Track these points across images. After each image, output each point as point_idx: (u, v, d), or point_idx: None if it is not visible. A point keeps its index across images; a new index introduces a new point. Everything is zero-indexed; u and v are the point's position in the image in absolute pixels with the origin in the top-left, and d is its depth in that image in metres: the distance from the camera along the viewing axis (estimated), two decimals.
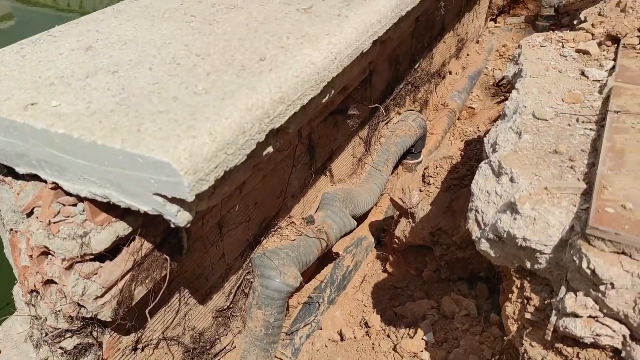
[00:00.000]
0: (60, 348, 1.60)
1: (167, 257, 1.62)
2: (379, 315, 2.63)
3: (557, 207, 1.43)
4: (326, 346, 2.58)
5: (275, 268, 2.20)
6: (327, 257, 2.93)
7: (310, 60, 1.61)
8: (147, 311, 1.58)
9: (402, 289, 2.82)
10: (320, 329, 2.68)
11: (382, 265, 3.07)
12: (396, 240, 2.87)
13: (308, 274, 2.93)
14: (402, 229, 2.79)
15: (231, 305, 2.22)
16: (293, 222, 2.47)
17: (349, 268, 3.01)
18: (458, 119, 4.48)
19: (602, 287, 1.29)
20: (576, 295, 1.36)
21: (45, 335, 1.60)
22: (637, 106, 1.73)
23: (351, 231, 2.71)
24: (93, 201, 1.40)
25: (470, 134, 4.24)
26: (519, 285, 1.58)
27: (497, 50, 5.35)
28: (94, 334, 1.61)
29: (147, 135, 1.25)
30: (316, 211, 2.64)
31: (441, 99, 4.41)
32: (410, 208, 2.70)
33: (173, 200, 1.26)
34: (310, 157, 2.55)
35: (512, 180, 1.57)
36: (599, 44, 2.23)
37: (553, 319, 1.40)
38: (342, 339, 2.60)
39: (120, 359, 1.70)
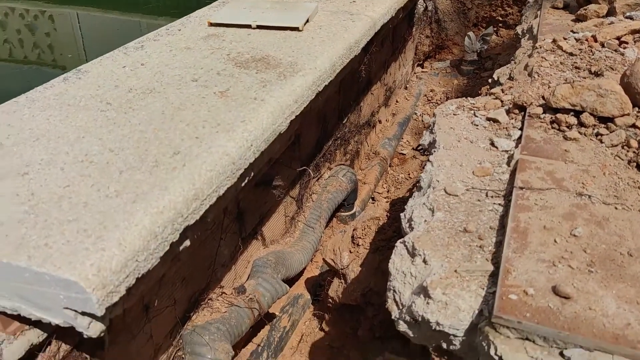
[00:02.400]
0: None
1: (88, 356, 1.58)
2: None
3: (467, 290, 1.51)
4: None
5: (205, 344, 2.17)
6: (263, 318, 2.92)
7: (225, 151, 1.65)
8: None
9: (339, 349, 2.84)
10: None
11: (318, 323, 3.09)
12: (330, 300, 2.91)
13: (244, 339, 2.90)
14: (335, 289, 2.83)
15: None
16: (224, 292, 2.46)
17: (285, 328, 3.00)
18: (390, 166, 4.62)
19: None
20: None
21: None
22: (540, 181, 1.86)
23: (284, 295, 2.72)
24: (3, 313, 1.35)
25: (402, 181, 4.38)
26: None
27: (425, 95, 5.59)
28: None
29: (55, 250, 1.24)
30: (247, 279, 2.64)
31: (372, 148, 4.54)
32: (342, 269, 2.75)
33: (84, 313, 1.24)
34: (239, 225, 2.56)
35: (425, 261, 1.64)
36: (508, 112, 2.37)
37: None
38: None
39: None
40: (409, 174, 4.44)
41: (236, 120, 1.80)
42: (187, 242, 1.56)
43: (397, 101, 5.29)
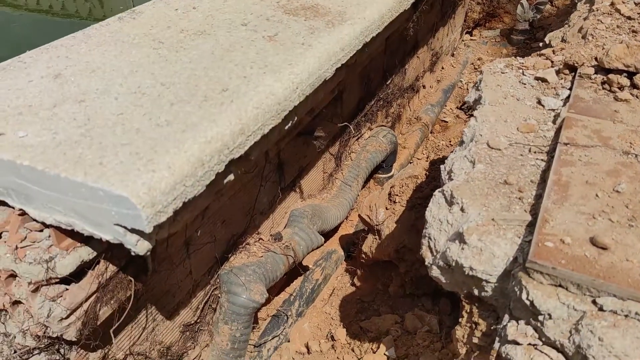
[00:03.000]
0: None
1: (132, 279, 1.67)
2: (345, 329, 2.70)
3: (503, 238, 1.52)
4: (293, 358, 2.65)
5: (241, 285, 2.25)
6: (297, 270, 2.99)
7: (271, 91, 1.68)
8: (111, 331, 1.63)
9: (369, 303, 2.90)
10: (288, 341, 2.75)
11: (350, 279, 3.14)
12: (363, 255, 2.95)
13: (277, 287, 2.99)
14: (369, 245, 2.87)
15: (198, 320, 2.27)
16: (261, 239, 2.53)
17: (318, 281, 3.08)
18: (431, 133, 4.58)
19: (540, 317, 1.38)
20: (517, 324, 1.44)
21: (14, 353, 1.64)
22: (586, 138, 1.83)
23: (319, 247, 2.78)
24: (58, 228, 1.44)
25: (443, 148, 4.35)
26: (468, 311, 1.66)
27: (472, 64, 5.47)
28: (61, 351, 1.65)
29: (109, 168, 1.31)
30: (284, 228, 2.70)
31: (414, 113, 4.51)
32: (377, 225, 2.78)
33: (133, 230, 1.32)
34: (279, 175, 2.62)
35: (462, 210, 1.65)
36: (557, 72, 2.32)
37: (496, 345, 1.48)
38: (308, 352, 2.67)
39: None
40: (450, 141, 4.39)
41: (283, 63, 1.83)
42: (231, 177, 1.62)
43: (442, 68, 5.21)
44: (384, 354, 2.39)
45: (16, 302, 1.54)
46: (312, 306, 2.98)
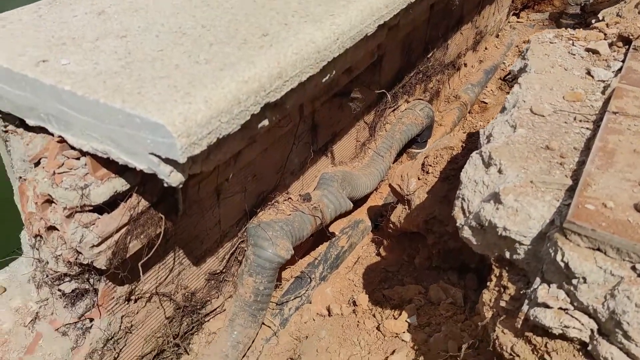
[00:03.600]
0: (59, 290, 1.69)
1: (162, 216, 1.69)
2: (367, 296, 2.69)
3: (540, 200, 1.47)
4: (314, 319, 2.65)
5: (268, 239, 2.26)
6: (323, 236, 2.99)
7: (311, 39, 1.65)
8: (140, 264, 1.65)
9: (393, 273, 2.88)
10: (310, 303, 2.75)
11: (376, 249, 3.12)
12: (391, 225, 2.92)
13: (303, 250, 3.00)
14: (398, 215, 2.84)
15: (224, 270, 2.30)
16: (290, 198, 2.53)
17: (343, 248, 3.07)
18: (469, 113, 4.48)
19: (574, 281, 1.33)
20: (549, 287, 1.40)
21: (47, 277, 1.68)
22: (636, 109, 1.75)
23: (347, 212, 2.76)
24: (94, 156, 1.46)
25: (480, 128, 4.25)
26: (497, 274, 1.62)
27: (517, 46, 5.32)
28: (91, 280, 1.69)
29: (146, 98, 1.31)
30: (314, 190, 2.69)
31: (454, 91, 4.41)
32: (407, 195, 2.74)
33: (167, 160, 1.32)
34: (312, 136, 2.60)
35: (500, 171, 1.61)
36: (610, 45, 2.23)
37: (525, 307, 1.45)
38: (329, 314, 2.67)
39: (113, 307, 1.78)
40: (488, 122, 4.29)
41: (325, 14, 1.80)
42: (266, 122, 1.61)
43: (486, 48, 5.08)
44: (406, 321, 2.37)
45: (51, 228, 1.57)
46: (336, 272, 2.98)
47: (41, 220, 1.56)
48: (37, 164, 1.55)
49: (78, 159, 1.51)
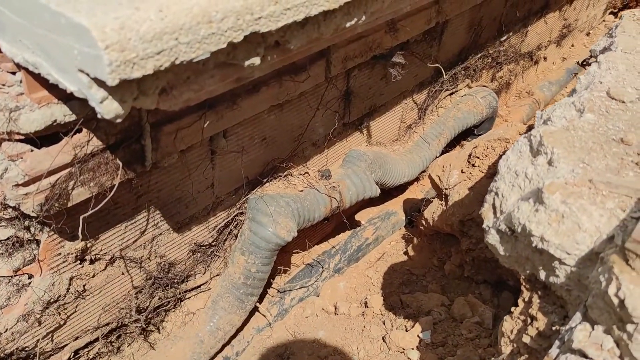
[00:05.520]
0: None
1: (121, 164, 1.40)
2: (382, 298, 2.32)
3: (598, 207, 1.05)
4: (317, 315, 2.32)
5: (269, 215, 1.94)
6: (346, 224, 2.64)
7: None
8: (82, 217, 1.37)
9: (418, 277, 2.48)
10: (317, 295, 2.42)
11: (405, 247, 2.73)
12: (423, 222, 2.52)
13: (320, 236, 2.66)
14: (432, 210, 2.43)
15: (214, 243, 2.00)
16: (307, 173, 2.19)
17: (367, 240, 2.70)
18: None
19: (630, 327, 0.92)
20: (592, 329, 0.99)
21: None
22: None
23: (371, 198, 2.38)
24: (31, 73, 1.18)
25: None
26: (526, 299, 1.22)
27: None
28: (31, 229, 1.43)
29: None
30: (338, 168, 2.34)
31: (527, 86, 3.89)
32: (446, 189, 2.33)
33: (97, 81, 1.01)
34: (343, 105, 2.24)
35: (550, 162, 1.19)
36: None
37: (554, 351, 1.04)
38: (335, 313, 2.32)
39: (61, 265, 1.52)
40: None
41: None
42: (257, 60, 1.26)
43: (572, 45, 4.47)
44: (418, 335, 1.98)
45: None
46: (355, 266, 2.62)
47: None
48: None
49: (14, 73, 1.23)
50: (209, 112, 1.58)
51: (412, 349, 1.94)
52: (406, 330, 2.04)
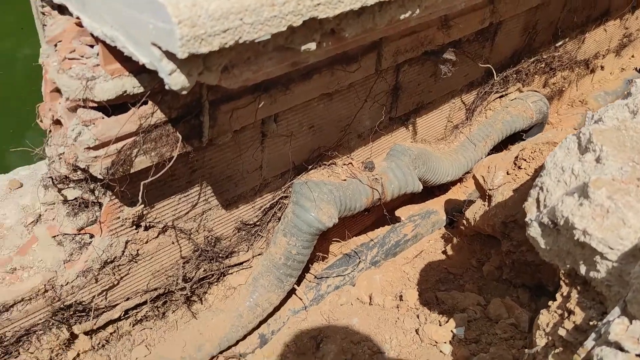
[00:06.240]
0: (62, 195, 1.55)
1: (180, 137, 1.48)
2: (417, 293, 2.34)
3: None
4: (351, 304, 2.36)
5: (312, 200, 1.99)
6: (386, 218, 2.67)
7: None
8: (142, 183, 1.46)
9: (455, 276, 2.49)
10: (353, 285, 2.46)
11: (443, 246, 2.74)
12: (464, 222, 2.53)
13: (359, 228, 2.70)
14: (474, 211, 2.44)
15: (259, 223, 2.07)
16: (351, 163, 2.24)
17: (406, 237, 2.73)
18: None
19: None
20: (630, 323, 1.00)
21: (52, 178, 1.56)
22: None
23: (413, 196, 2.41)
24: (107, 46, 1.28)
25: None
26: (564, 294, 1.23)
27: None
28: (96, 192, 1.54)
29: None
30: (381, 160, 2.37)
31: (581, 95, 3.81)
32: (490, 189, 2.33)
33: (168, 54, 1.09)
34: (391, 99, 2.27)
35: (598, 160, 1.20)
36: None
37: (589, 343, 1.05)
38: (370, 303, 2.36)
39: (119, 228, 1.62)
40: None
41: None
42: (312, 45, 1.32)
43: (632, 56, 4.35)
44: (451, 331, 2.00)
45: (57, 122, 1.43)
46: (392, 260, 2.65)
47: (50, 112, 1.42)
48: (56, 47, 1.41)
49: (92, 46, 1.34)
50: (263, 95, 1.64)
51: (445, 342, 1.96)
52: (440, 325, 2.06)
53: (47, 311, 1.58)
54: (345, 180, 2.15)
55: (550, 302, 1.26)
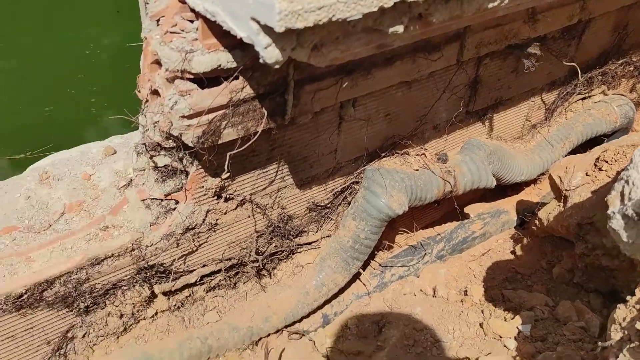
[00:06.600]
0: (153, 162, 1.67)
1: (266, 113, 1.56)
2: (483, 289, 2.32)
3: None
4: (414, 295, 2.37)
5: (384, 187, 2.03)
6: (455, 213, 2.66)
7: None
8: (229, 153, 1.54)
9: (523, 276, 2.45)
10: (417, 277, 2.47)
11: (512, 246, 2.69)
12: (537, 222, 2.48)
13: (426, 221, 2.70)
14: (548, 211, 2.38)
15: (329, 206, 2.13)
16: (424, 154, 2.25)
17: (474, 234, 2.70)
18: None
19: None
20: None
21: (145, 146, 1.68)
22: None
23: (485, 189, 2.38)
24: (206, 21, 1.36)
25: None
26: None
27: None
28: (184, 161, 1.64)
29: None
30: (455, 154, 2.37)
31: None
32: (566, 190, 2.27)
33: (265, 29, 1.16)
34: (470, 92, 2.26)
35: None
36: None
37: None
38: (433, 295, 2.36)
39: (201, 197, 1.72)
40: None
41: None
42: (400, 28, 1.35)
43: None
44: (517, 327, 1.97)
45: (155, 92, 1.54)
46: (458, 256, 2.64)
47: (148, 82, 1.53)
48: (158, 23, 1.52)
49: (192, 22, 1.43)
50: (346, 78, 1.69)
51: (510, 337, 1.94)
52: (505, 320, 2.04)
53: (132, 269, 1.70)
54: (417, 170, 2.17)
55: (628, 297, 1.23)
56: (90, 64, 4.48)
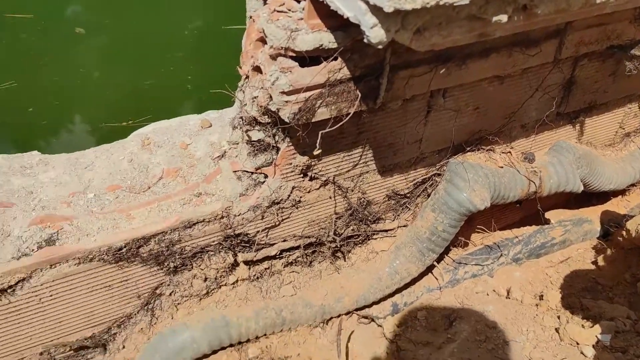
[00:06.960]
0: (247, 136, 1.76)
1: (359, 95, 1.60)
2: (560, 296, 2.26)
3: None
4: (487, 294, 2.34)
5: (466, 180, 2.02)
6: (536, 218, 2.59)
7: None
8: (321, 132, 1.60)
9: (604, 287, 2.36)
10: (491, 277, 2.44)
11: (594, 257, 2.60)
12: (624, 233, 2.38)
13: (505, 222, 2.65)
14: (638, 222, 2.28)
15: (408, 195, 2.14)
16: (510, 152, 2.21)
17: (553, 240, 2.62)
18: None
19: None
20: None
21: (241, 120, 1.77)
22: None
23: (571, 194, 2.31)
24: (314, 2, 1.42)
25: None
26: None
27: None
28: (276, 137, 1.72)
29: None
30: (543, 155, 2.31)
31: None
32: None
33: (373, 9, 1.20)
34: (563, 93, 2.21)
35: None
36: None
37: None
38: (507, 297, 2.33)
39: (289, 173, 1.79)
40: None
41: None
42: (504, 17, 1.35)
43: None
44: (595, 336, 1.91)
45: (256, 69, 1.62)
46: (535, 261, 2.57)
47: (251, 59, 1.61)
48: (265, 2, 1.60)
49: (298, 1, 1.49)
50: (440, 66, 1.71)
51: (587, 345, 1.88)
52: (583, 327, 1.98)
53: (220, 235, 1.80)
54: (502, 167, 2.14)
55: None
56: (187, 44, 4.78)
